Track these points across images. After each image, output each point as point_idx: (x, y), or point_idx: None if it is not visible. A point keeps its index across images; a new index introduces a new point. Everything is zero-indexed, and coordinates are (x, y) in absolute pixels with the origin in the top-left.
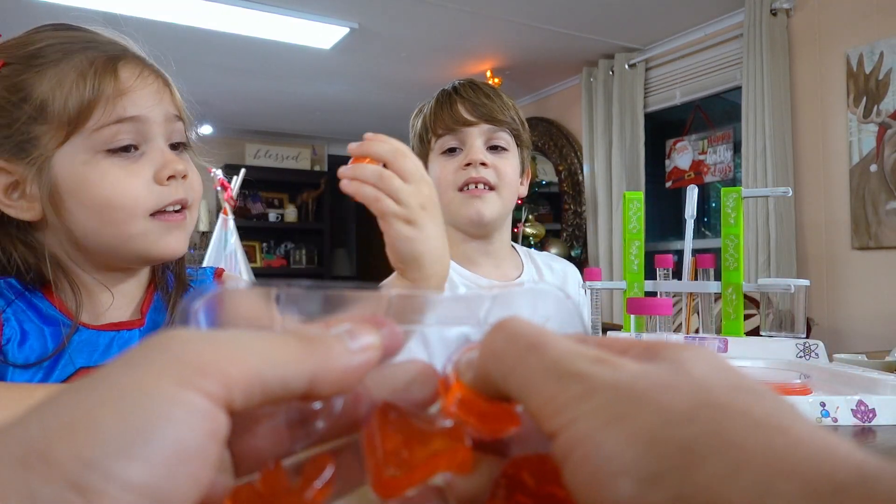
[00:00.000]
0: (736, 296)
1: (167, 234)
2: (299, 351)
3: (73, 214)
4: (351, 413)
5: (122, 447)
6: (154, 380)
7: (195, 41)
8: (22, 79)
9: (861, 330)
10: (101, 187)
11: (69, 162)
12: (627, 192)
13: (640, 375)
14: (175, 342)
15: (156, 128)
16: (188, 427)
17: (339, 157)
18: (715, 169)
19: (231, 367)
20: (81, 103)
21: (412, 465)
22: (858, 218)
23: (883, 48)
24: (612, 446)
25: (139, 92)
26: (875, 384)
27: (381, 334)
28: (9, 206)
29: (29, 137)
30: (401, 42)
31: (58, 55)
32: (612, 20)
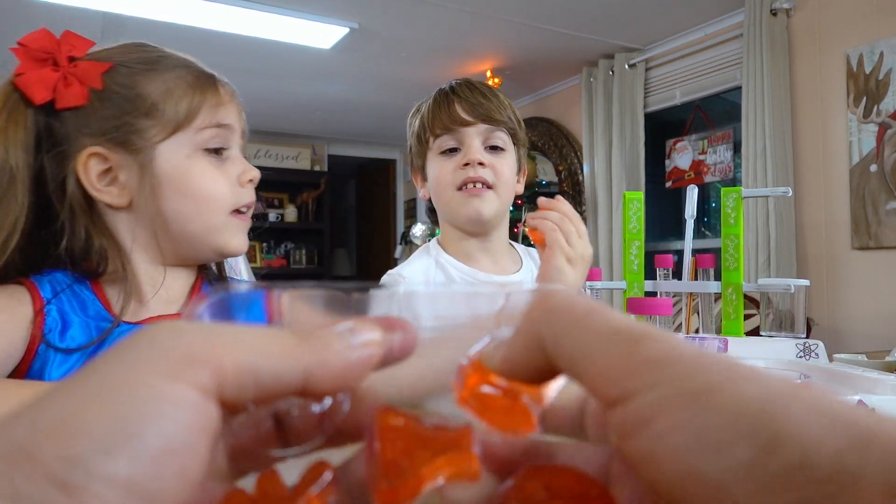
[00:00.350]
0: (736, 296)
1: (238, 232)
2: (295, 344)
3: (170, 201)
4: (358, 416)
5: (106, 443)
6: (142, 373)
7: (195, 41)
8: (135, 80)
9: (861, 330)
10: (200, 179)
11: (173, 155)
12: (627, 192)
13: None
14: (165, 334)
15: (237, 138)
16: (176, 421)
17: (339, 156)
18: (715, 169)
19: (223, 358)
20: (190, 107)
21: (414, 473)
22: (858, 218)
23: (883, 48)
24: (719, 415)
25: (230, 106)
26: (875, 384)
27: (386, 332)
28: (99, 191)
29: (135, 129)
30: (401, 42)
31: (166, 66)
32: (612, 20)
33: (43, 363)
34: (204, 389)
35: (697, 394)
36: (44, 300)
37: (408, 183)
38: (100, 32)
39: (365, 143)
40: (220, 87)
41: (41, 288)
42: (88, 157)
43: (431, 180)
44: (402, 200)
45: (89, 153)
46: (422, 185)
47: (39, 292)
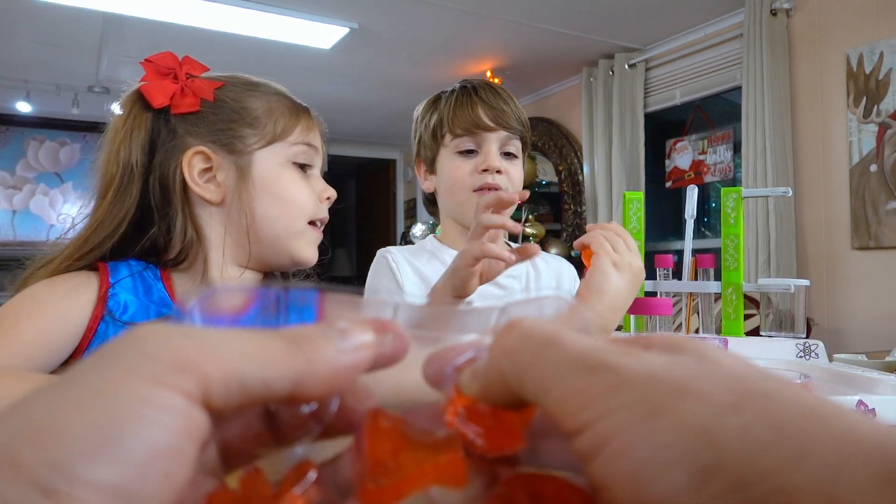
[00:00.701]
0: (736, 296)
1: (313, 242)
2: (283, 350)
3: (260, 202)
4: (348, 413)
5: (89, 449)
6: (126, 378)
7: (195, 41)
8: (242, 96)
9: (861, 330)
10: (291, 186)
11: (269, 162)
12: (627, 192)
13: (671, 366)
14: (150, 338)
15: (320, 159)
16: (161, 426)
17: (339, 156)
18: (715, 169)
19: (208, 365)
20: (287, 124)
21: (400, 475)
22: (858, 218)
23: (883, 48)
24: (661, 437)
25: (317, 131)
26: (875, 384)
27: (377, 335)
28: (199, 185)
29: (238, 135)
30: (401, 42)
31: (266, 90)
32: (612, 20)
33: (103, 339)
34: (189, 395)
35: (644, 418)
36: (110, 283)
37: (408, 183)
38: (100, 32)
39: (365, 143)
40: (311, 113)
41: (115, 272)
42: (194, 154)
43: (444, 177)
44: (402, 200)
45: (195, 151)
46: (426, 178)
47: (108, 276)
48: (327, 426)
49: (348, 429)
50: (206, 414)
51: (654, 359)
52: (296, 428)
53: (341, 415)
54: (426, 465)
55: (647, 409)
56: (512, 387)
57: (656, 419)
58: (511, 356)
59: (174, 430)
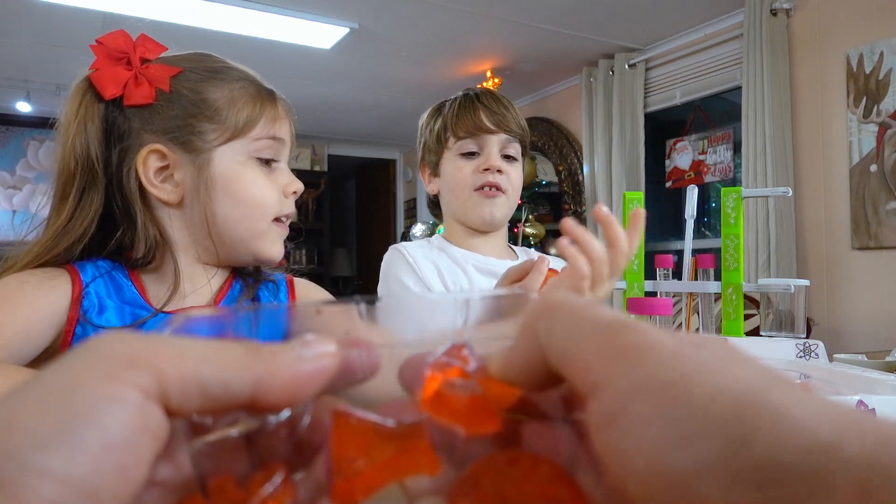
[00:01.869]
0: (736, 296)
1: (278, 239)
2: (242, 354)
3: (220, 203)
4: (320, 428)
5: (40, 438)
6: (82, 375)
7: (195, 41)
8: (201, 85)
9: (861, 330)
10: (253, 185)
11: (228, 159)
12: (627, 192)
13: (697, 346)
14: (109, 342)
15: (287, 151)
16: (115, 419)
17: (339, 156)
18: (715, 169)
19: (163, 363)
20: (249, 117)
21: (369, 468)
22: (858, 218)
23: (883, 48)
24: (689, 407)
25: (285, 122)
26: (875, 384)
27: (342, 346)
28: (155, 186)
29: (196, 131)
30: (401, 42)
31: (229, 76)
32: (612, 20)
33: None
34: (144, 391)
35: (668, 384)
36: (83, 283)
37: (408, 183)
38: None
39: (365, 143)
40: (279, 101)
41: (82, 273)
42: (149, 153)
43: (447, 178)
44: (402, 200)
45: (150, 149)
46: (430, 180)
47: (80, 276)
48: (302, 442)
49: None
50: (162, 412)
51: (681, 336)
52: (270, 442)
53: (314, 430)
54: (395, 455)
55: (673, 376)
56: (542, 344)
57: (684, 387)
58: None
59: (127, 423)
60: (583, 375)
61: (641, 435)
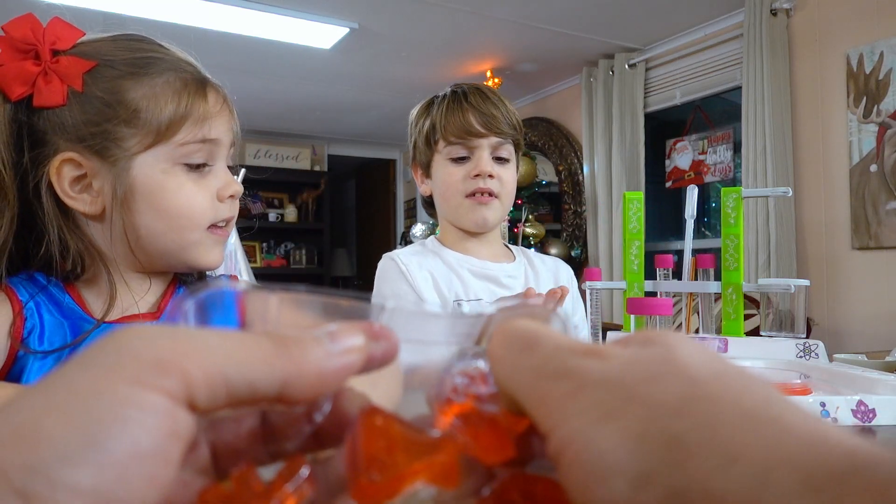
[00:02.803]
0: (736, 296)
1: (214, 247)
2: (270, 352)
3: (142, 216)
4: (341, 416)
5: (68, 452)
6: (107, 379)
7: (195, 41)
8: (118, 84)
9: (861, 330)
10: (176, 196)
11: (150, 168)
12: (627, 192)
13: (628, 365)
14: (132, 339)
15: (224, 151)
16: (143, 427)
17: (339, 156)
18: (715, 169)
19: (191, 365)
20: (173, 118)
21: (393, 472)
22: (858, 218)
23: (883, 48)
24: (603, 444)
25: (218, 118)
26: (875, 384)
27: (368, 338)
28: (71, 197)
29: (113, 138)
30: (401, 42)
31: (156, 70)
32: (612, 20)
33: (22, 367)
34: (172, 395)
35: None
36: (21, 303)
37: (408, 183)
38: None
39: (365, 143)
40: (211, 94)
41: (18, 291)
42: (62, 162)
43: (438, 182)
44: (402, 200)
45: (63, 158)
46: (423, 181)
47: (17, 296)
48: (321, 431)
49: (342, 433)
50: (190, 415)
51: (617, 357)
52: (288, 428)
53: (334, 419)
54: (420, 463)
55: (599, 415)
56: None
57: (604, 424)
58: (498, 364)
59: (157, 431)
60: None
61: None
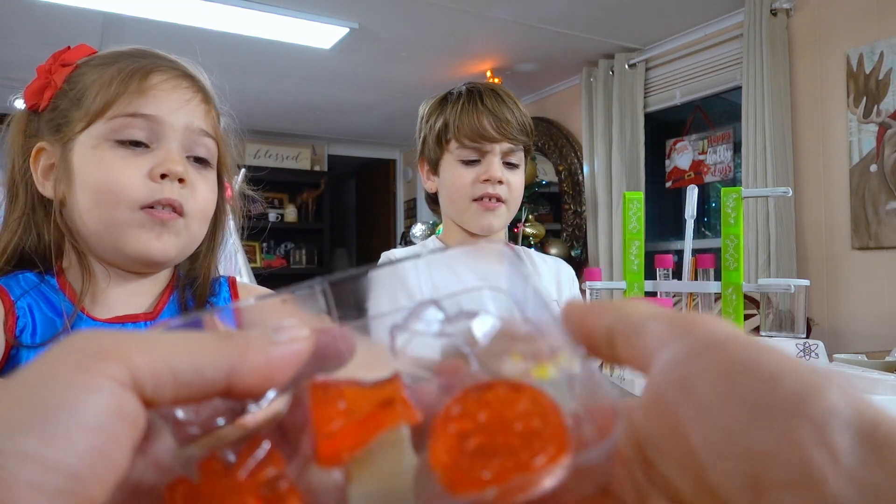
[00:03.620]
0: (736, 296)
1: (148, 230)
2: (214, 342)
3: (77, 194)
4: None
5: (17, 425)
6: (53, 369)
7: (195, 41)
8: (78, 72)
9: (861, 330)
10: (97, 171)
11: (82, 146)
12: (627, 192)
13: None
14: (80, 337)
15: (171, 132)
16: (87, 403)
17: (339, 156)
18: (715, 169)
19: (134, 354)
20: (107, 97)
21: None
22: (858, 218)
23: (883, 48)
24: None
25: (163, 95)
26: (875, 384)
27: (318, 332)
28: (41, 184)
29: (66, 120)
30: (401, 42)
31: (109, 60)
32: (612, 20)
33: (16, 364)
34: (116, 380)
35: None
36: (12, 301)
37: (408, 183)
38: (100, 32)
39: (365, 143)
40: (158, 73)
41: (9, 290)
42: (37, 151)
43: (446, 183)
44: (402, 200)
45: (38, 148)
46: (429, 177)
47: (8, 294)
48: (286, 426)
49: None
50: (138, 402)
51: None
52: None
53: (296, 412)
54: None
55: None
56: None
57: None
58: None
59: (101, 408)
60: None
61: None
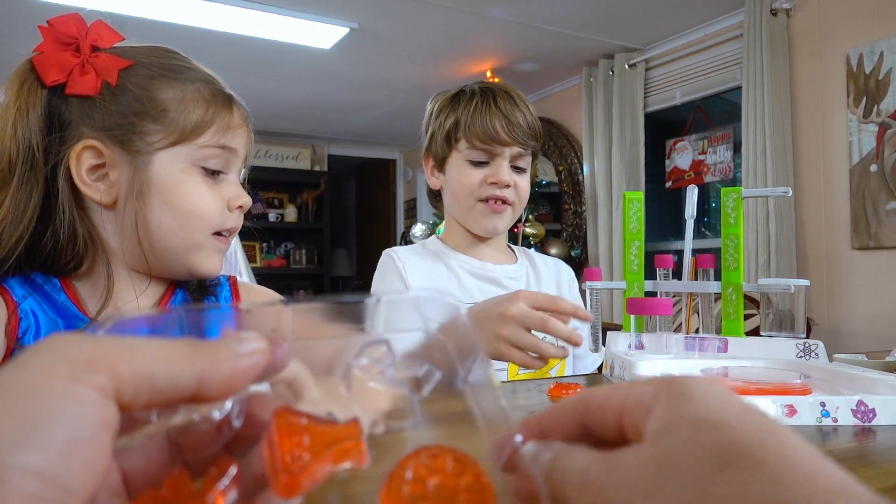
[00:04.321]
0: (736, 296)
1: (216, 253)
2: (187, 352)
3: (155, 210)
4: (257, 424)
5: (17, 439)
6: (45, 377)
7: (195, 41)
8: (152, 83)
9: (861, 330)
10: (191, 196)
11: (169, 165)
12: (627, 192)
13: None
14: (65, 343)
15: (239, 163)
16: (79, 417)
17: (339, 156)
18: (715, 169)
19: (119, 363)
20: (199, 122)
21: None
22: (858, 218)
23: (883, 48)
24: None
25: (239, 131)
26: (875, 384)
27: (270, 343)
28: (87, 184)
29: (139, 131)
30: (401, 42)
31: (186, 76)
32: (612, 20)
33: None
34: (102, 391)
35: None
36: (16, 303)
37: (408, 183)
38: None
39: (365, 143)
40: (236, 109)
41: (12, 291)
42: (84, 148)
43: (452, 182)
44: (402, 200)
45: (85, 145)
46: (433, 174)
47: (11, 295)
48: (238, 435)
49: (258, 435)
50: (117, 409)
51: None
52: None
53: (249, 424)
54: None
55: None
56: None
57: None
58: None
59: (91, 421)
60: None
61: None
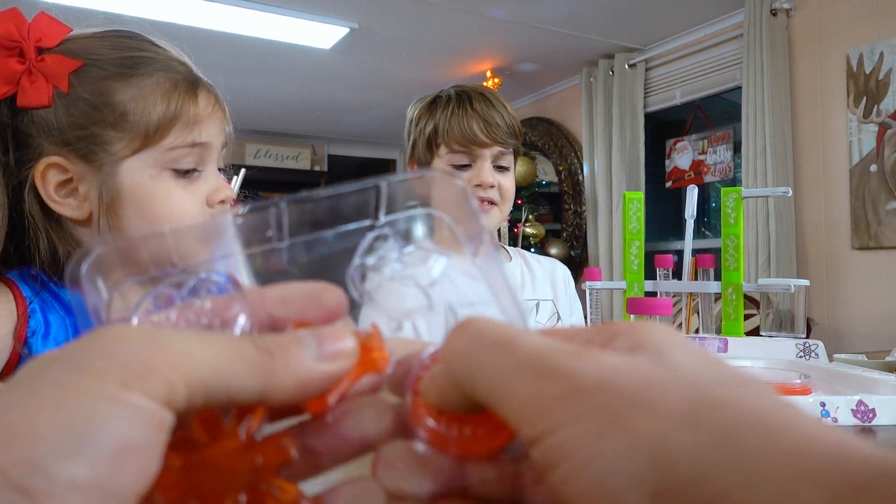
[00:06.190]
0: (736, 296)
1: None
2: (253, 362)
3: (129, 221)
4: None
5: (64, 449)
6: (96, 381)
7: (195, 41)
8: (106, 85)
9: (861, 330)
10: (164, 204)
11: (137, 173)
12: (627, 192)
13: (626, 371)
14: (116, 343)
15: (215, 154)
16: (132, 425)
17: (339, 157)
18: (715, 169)
19: (174, 374)
20: (162, 121)
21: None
22: (858, 218)
23: (883, 48)
24: (615, 458)
25: (210, 121)
26: (875, 384)
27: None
28: (57, 202)
29: (100, 141)
30: (401, 42)
31: (142, 69)
32: (612, 20)
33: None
34: (156, 398)
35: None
36: (26, 300)
37: None
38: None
39: (365, 143)
40: (202, 95)
41: (22, 286)
42: (47, 167)
43: None
44: None
45: (48, 163)
46: None
47: (21, 291)
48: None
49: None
50: (170, 412)
51: (609, 361)
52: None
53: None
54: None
55: (603, 423)
56: (466, 392)
57: (611, 436)
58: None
59: (143, 428)
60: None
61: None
